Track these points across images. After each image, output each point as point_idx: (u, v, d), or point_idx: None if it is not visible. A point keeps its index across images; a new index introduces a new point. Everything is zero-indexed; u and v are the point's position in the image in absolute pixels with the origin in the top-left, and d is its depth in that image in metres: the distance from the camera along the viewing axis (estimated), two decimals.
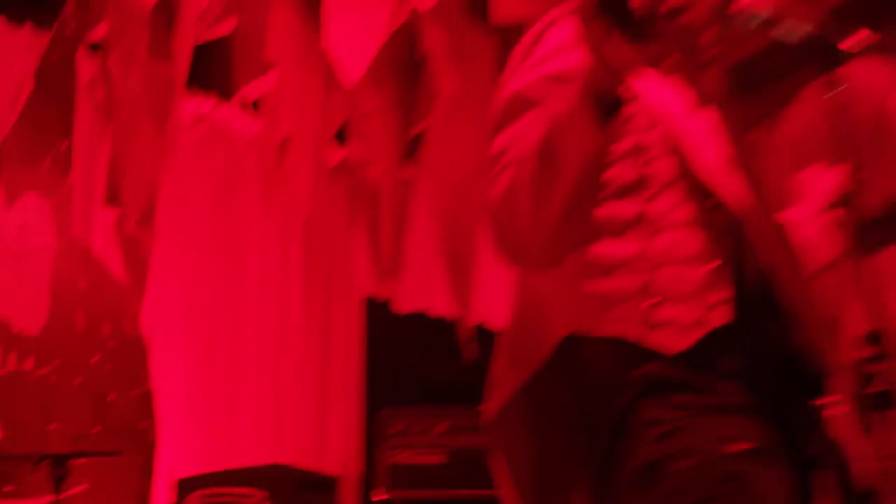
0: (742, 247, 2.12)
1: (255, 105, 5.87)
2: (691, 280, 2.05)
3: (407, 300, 6.05)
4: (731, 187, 2.15)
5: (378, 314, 6.24)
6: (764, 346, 2.13)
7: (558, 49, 2.17)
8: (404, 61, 5.42)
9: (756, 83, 4.54)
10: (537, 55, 2.19)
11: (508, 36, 5.13)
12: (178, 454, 5.52)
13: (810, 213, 2.17)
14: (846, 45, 2.00)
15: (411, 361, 6.51)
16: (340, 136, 5.84)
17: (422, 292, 6.07)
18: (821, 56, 2.03)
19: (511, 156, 2.07)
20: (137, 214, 5.32)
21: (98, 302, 4.98)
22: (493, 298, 5.24)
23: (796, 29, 2.09)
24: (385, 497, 5.27)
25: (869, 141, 2.18)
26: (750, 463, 2.01)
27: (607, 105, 2.04)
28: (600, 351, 2.13)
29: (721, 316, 2.07)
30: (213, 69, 5.68)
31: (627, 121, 2.13)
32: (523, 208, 2.05)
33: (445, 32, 5.21)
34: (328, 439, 6.11)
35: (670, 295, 2.07)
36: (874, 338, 1.95)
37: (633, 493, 2.04)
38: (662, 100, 2.20)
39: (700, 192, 2.16)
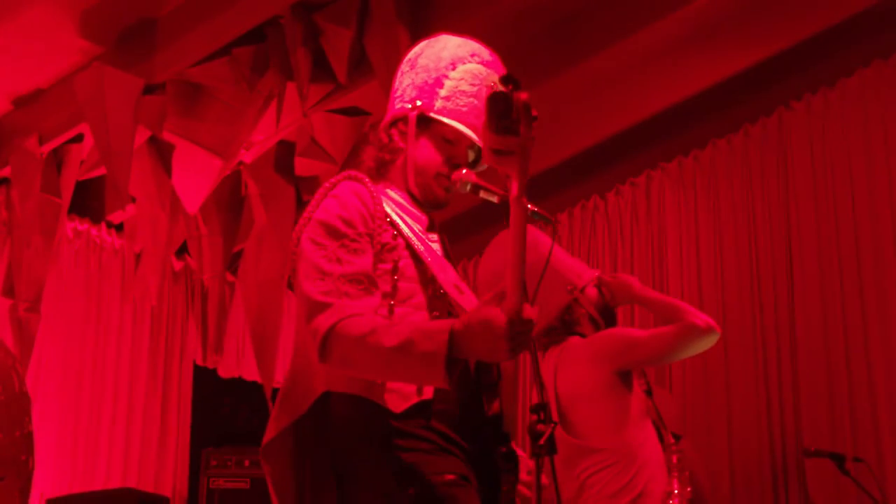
0: None
1: (119, 227, 5.89)
2: None
3: (227, 368, 6.12)
4: (462, 300, 2.17)
5: (205, 378, 6.25)
6: (467, 411, 2.12)
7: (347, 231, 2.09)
8: (231, 199, 5.46)
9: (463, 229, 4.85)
10: (332, 248, 2.07)
11: (306, 184, 5.19)
12: (48, 479, 5.36)
13: None
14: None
15: (228, 412, 6.77)
16: (182, 250, 5.87)
17: (238, 363, 6.14)
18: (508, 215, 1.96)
19: (341, 352, 1.97)
20: (28, 303, 5.18)
21: None
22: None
23: (495, 194, 2.16)
24: None
25: (535, 276, 2.16)
26: (457, 488, 2.02)
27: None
28: (348, 404, 2.10)
29: (431, 391, 2.06)
30: (89, 200, 5.66)
31: (392, 249, 2.14)
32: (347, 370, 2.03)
33: (261, 180, 5.23)
34: (164, 469, 6.03)
35: None
36: (542, 406, 1.92)
37: None
38: (416, 239, 2.19)
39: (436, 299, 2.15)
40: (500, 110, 1.85)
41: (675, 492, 3.06)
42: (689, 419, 5.13)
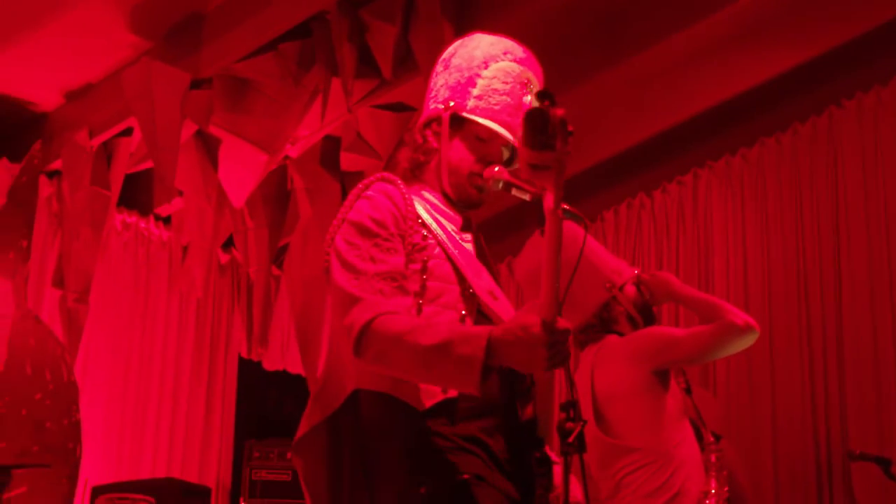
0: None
1: (167, 219, 5.95)
2: None
3: (272, 361, 6.12)
4: (497, 307, 2.17)
5: (250, 370, 6.27)
6: (500, 415, 2.11)
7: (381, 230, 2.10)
8: (277, 193, 5.49)
9: (499, 231, 4.88)
10: (366, 246, 2.08)
11: (351, 179, 5.21)
12: (94, 467, 5.35)
13: None
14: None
15: (271, 405, 6.80)
16: (228, 243, 5.92)
17: (283, 356, 6.16)
18: (540, 212, 2.00)
19: (378, 348, 1.97)
20: (76, 294, 5.23)
21: (43, 355, 4.76)
22: None
23: (527, 192, 2.14)
24: None
25: (569, 273, 2.14)
26: (470, 488, 2.01)
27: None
28: (375, 402, 2.10)
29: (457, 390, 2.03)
30: (137, 193, 5.70)
31: (423, 249, 2.14)
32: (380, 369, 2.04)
33: (306, 174, 5.27)
34: (207, 460, 6.07)
35: None
36: (571, 405, 1.92)
37: None
38: (448, 240, 2.19)
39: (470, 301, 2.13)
40: (537, 126, 1.87)
41: (713, 491, 3.04)
42: (733, 420, 5.08)
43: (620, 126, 5.46)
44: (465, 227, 2.29)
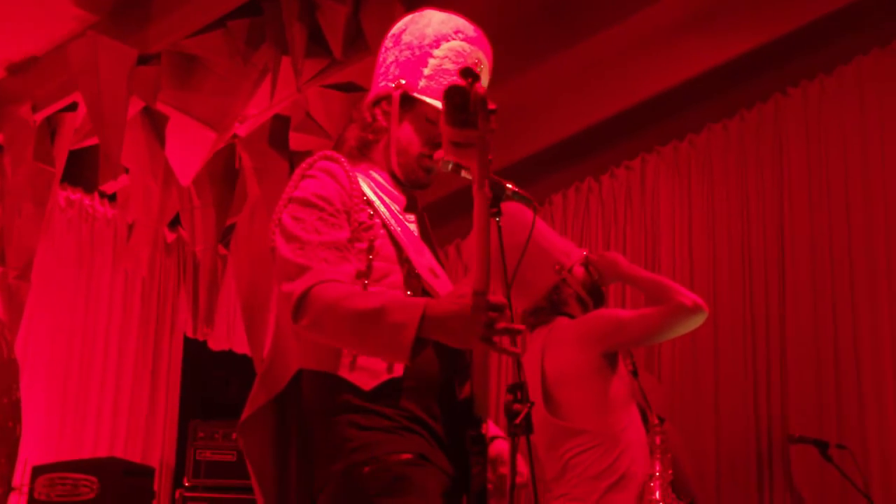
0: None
1: (112, 197, 5.89)
2: None
3: (217, 341, 6.11)
4: (437, 284, 2.16)
5: (195, 350, 6.23)
6: (439, 393, 2.10)
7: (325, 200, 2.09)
8: (224, 172, 5.48)
9: (447, 214, 4.88)
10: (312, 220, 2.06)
11: (299, 158, 4.96)
12: (35, 447, 5.35)
13: None
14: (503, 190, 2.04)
15: (216, 385, 6.77)
16: (175, 222, 5.83)
17: (228, 335, 6.14)
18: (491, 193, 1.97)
19: (314, 314, 1.95)
20: (17, 271, 5.16)
21: None
22: None
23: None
24: (189, 485, 5.36)
25: (518, 256, 2.19)
26: (413, 467, 2.01)
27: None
28: (316, 381, 2.10)
29: (401, 369, 2.04)
30: (82, 169, 5.62)
31: (368, 229, 2.13)
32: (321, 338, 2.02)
33: (255, 153, 5.23)
34: (151, 439, 6.04)
35: None
36: (518, 386, 1.93)
37: (336, 488, 2.02)
38: (393, 219, 2.17)
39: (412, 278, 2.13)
40: (457, 104, 1.88)
41: (657, 474, 3.07)
42: (676, 403, 5.14)
43: (570, 110, 5.48)
44: (409, 207, 2.28)
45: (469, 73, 1.88)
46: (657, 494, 3.04)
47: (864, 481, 4.28)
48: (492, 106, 1.86)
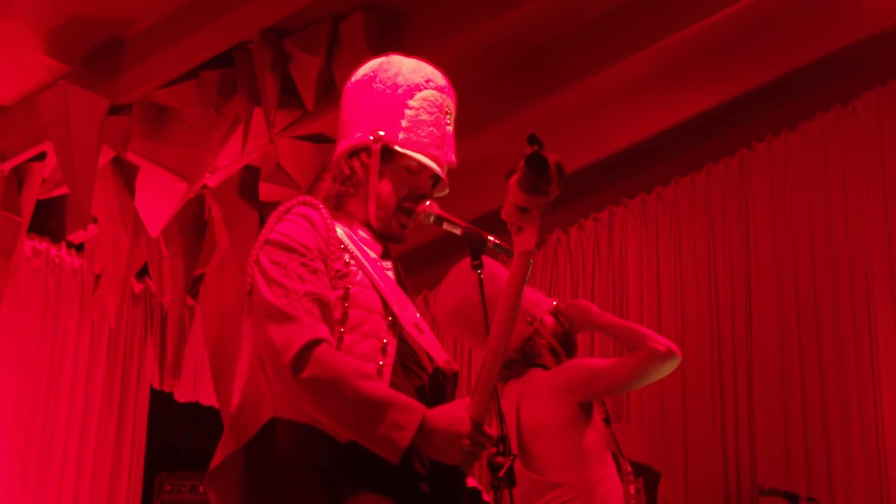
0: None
1: (80, 247, 5.77)
2: None
3: (184, 392, 6.00)
4: (421, 339, 2.15)
5: (161, 401, 6.19)
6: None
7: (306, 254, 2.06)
8: (194, 222, 5.39)
9: (417, 264, 4.84)
10: (294, 266, 2.03)
11: (269, 209, 4.90)
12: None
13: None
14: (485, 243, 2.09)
15: (183, 436, 6.73)
16: (143, 272, 5.76)
17: (195, 387, 6.02)
18: (471, 245, 2.08)
19: (316, 378, 1.92)
20: None
21: None
22: None
23: (458, 226, 2.14)
24: None
25: (492, 309, 2.09)
26: None
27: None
28: (293, 432, 2.03)
29: None
30: (48, 219, 5.58)
31: (345, 276, 2.09)
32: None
33: (225, 204, 5.18)
34: (116, 493, 5.91)
35: None
36: (501, 439, 1.95)
37: None
38: (372, 267, 2.15)
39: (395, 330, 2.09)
40: (538, 171, 1.90)
41: None
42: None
43: None
44: (384, 255, 2.25)
45: (535, 139, 1.90)
46: None
47: None
48: (565, 173, 1.91)
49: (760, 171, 5.25)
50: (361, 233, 2.23)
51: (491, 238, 2.04)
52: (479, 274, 2.00)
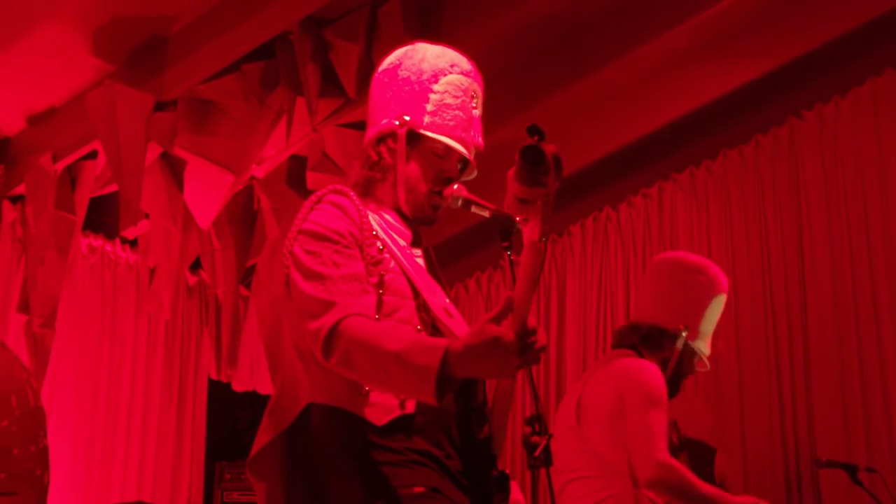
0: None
1: (134, 242, 5.92)
2: None
3: (241, 382, 6.03)
4: (452, 324, 2.14)
5: (220, 391, 6.24)
6: (455, 432, 2.09)
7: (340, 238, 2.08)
8: (243, 213, 5.47)
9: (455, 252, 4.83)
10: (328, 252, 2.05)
11: None
12: (63, 494, 5.31)
13: None
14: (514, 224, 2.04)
15: (242, 426, 6.78)
16: (196, 265, 5.89)
17: (252, 376, 6.04)
18: (500, 227, 2.04)
19: (342, 351, 1.93)
20: (42, 319, 5.15)
21: (8, 381, 4.82)
22: None
23: (486, 208, 2.13)
24: None
25: None
26: (425, 500, 1.99)
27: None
28: (328, 416, 2.06)
29: (413, 405, 2.03)
30: (102, 216, 5.68)
31: (378, 263, 2.11)
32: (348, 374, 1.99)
33: (273, 194, 5.24)
34: (178, 483, 6.03)
35: None
36: (536, 419, 1.94)
37: None
38: (402, 254, 2.17)
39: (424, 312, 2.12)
40: (533, 162, 1.90)
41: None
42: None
43: (585, 140, 5.48)
44: (414, 242, 2.27)
45: (536, 130, 1.90)
46: None
47: None
48: (563, 165, 1.91)
49: (811, 140, 5.17)
50: (389, 218, 2.25)
51: (519, 219, 2.03)
52: (510, 256, 1.99)
